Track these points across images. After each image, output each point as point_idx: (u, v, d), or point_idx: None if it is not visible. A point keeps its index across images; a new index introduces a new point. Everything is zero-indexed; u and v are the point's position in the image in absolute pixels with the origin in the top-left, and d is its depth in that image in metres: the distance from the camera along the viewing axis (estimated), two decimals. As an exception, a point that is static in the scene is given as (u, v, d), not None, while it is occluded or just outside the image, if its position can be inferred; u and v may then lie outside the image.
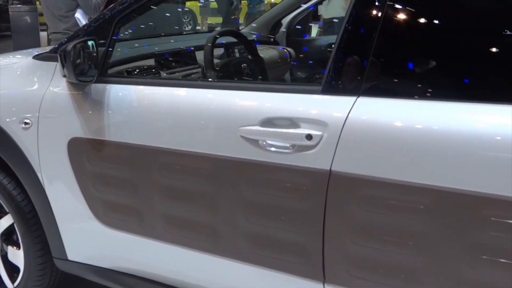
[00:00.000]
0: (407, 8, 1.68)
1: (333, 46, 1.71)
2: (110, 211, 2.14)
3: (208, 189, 1.88)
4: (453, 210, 1.47)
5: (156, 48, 2.88)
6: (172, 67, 2.73)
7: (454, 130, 1.47)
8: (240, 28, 3.86)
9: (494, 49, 1.61)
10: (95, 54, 2.06)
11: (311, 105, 1.70)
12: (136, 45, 2.89)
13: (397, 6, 1.67)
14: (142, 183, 2.03)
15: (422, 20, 1.70)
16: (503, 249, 1.43)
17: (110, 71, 2.24)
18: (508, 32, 1.62)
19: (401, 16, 1.69)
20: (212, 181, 1.87)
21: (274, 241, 1.80)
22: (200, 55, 2.75)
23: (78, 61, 2.00)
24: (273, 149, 1.72)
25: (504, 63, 1.57)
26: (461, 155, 1.46)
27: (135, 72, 2.43)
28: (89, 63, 2.05)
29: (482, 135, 1.44)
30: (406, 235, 1.56)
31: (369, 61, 1.62)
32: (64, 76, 2.05)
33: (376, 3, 1.65)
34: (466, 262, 1.49)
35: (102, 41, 2.11)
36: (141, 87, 2.08)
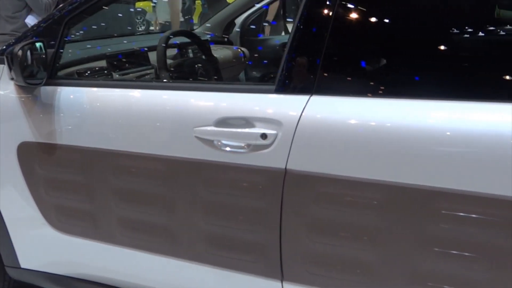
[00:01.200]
0: (358, 7, 1.70)
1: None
2: (63, 216, 2.10)
3: (164, 191, 1.86)
4: (406, 205, 1.51)
5: (109, 49, 2.83)
6: (125, 68, 2.70)
7: (406, 127, 1.51)
8: (194, 28, 3.85)
9: (442, 47, 1.65)
10: (44, 56, 2.01)
11: (265, 105, 1.71)
12: (88, 46, 2.84)
13: (348, 5, 1.70)
14: (96, 187, 1.99)
15: (373, 19, 1.73)
16: (454, 241, 1.48)
17: (60, 73, 2.20)
18: (455, 31, 1.67)
19: (352, 15, 1.72)
20: (167, 183, 1.85)
21: (231, 241, 1.80)
22: (153, 56, 2.72)
23: (27, 63, 1.95)
24: (228, 149, 1.72)
25: (451, 60, 1.62)
26: (413, 151, 1.49)
27: (87, 74, 2.38)
28: (38, 65, 2.00)
29: (433, 130, 1.48)
30: (361, 230, 1.58)
31: (322, 60, 1.64)
32: (12, 79, 1.99)
33: (327, 2, 1.67)
34: (420, 255, 1.52)
35: (52, 43, 2.06)
36: (94, 89, 2.04)
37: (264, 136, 1.66)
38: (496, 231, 1.42)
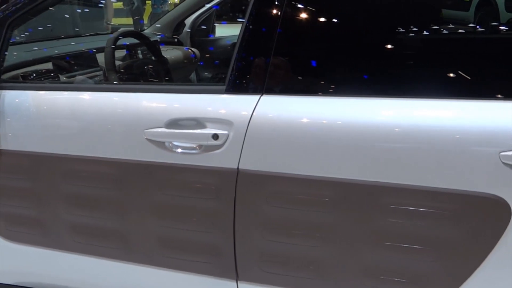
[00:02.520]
0: (307, 6, 1.73)
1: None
2: (12, 224, 2.03)
3: (116, 195, 1.84)
4: (356, 201, 1.54)
5: (56, 51, 2.77)
6: (72, 70, 2.64)
7: (355, 124, 1.54)
8: (144, 28, 3.80)
9: (389, 46, 1.70)
10: None
11: (216, 105, 1.71)
12: (34, 48, 2.76)
13: (297, 4, 1.72)
14: (46, 193, 1.95)
15: (322, 19, 1.76)
16: (403, 234, 1.52)
17: (4, 76, 2.13)
18: (401, 30, 1.72)
19: (301, 14, 1.74)
20: (119, 186, 1.83)
21: (185, 243, 1.79)
22: (101, 58, 2.68)
23: None
24: (179, 150, 1.71)
25: (397, 59, 1.66)
26: (362, 148, 1.53)
27: (32, 77, 2.32)
28: None
29: (381, 127, 1.52)
30: (314, 227, 1.61)
31: (271, 59, 1.65)
32: None
33: (276, 2, 1.68)
34: (371, 249, 1.56)
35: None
36: (40, 92, 1.99)
37: (215, 136, 1.66)
38: (442, 223, 1.47)
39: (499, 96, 1.47)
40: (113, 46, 2.45)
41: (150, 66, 2.71)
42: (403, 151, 1.49)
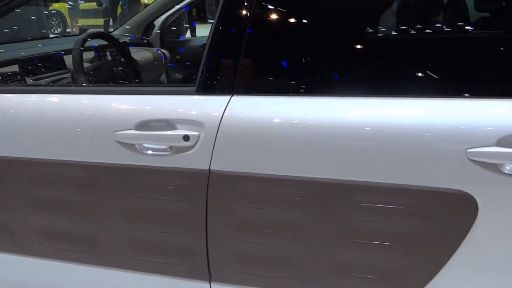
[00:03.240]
0: (276, 7, 1.73)
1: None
2: None
3: (86, 198, 1.81)
4: (327, 200, 1.55)
5: (22, 53, 2.72)
6: (40, 72, 2.59)
7: (325, 124, 1.55)
8: (113, 29, 3.76)
9: (359, 46, 1.72)
10: None
11: (186, 106, 1.70)
12: (0, 50, 2.71)
13: (266, 4, 1.72)
14: (12, 198, 1.91)
15: (291, 19, 1.77)
16: (375, 232, 1.54)
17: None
18: (370, 30, 1.75)
19: (270, 14, 1.75)
20: (89, 189, 1.80)
21: (158, 246, 1.78)
22: (69, 60, 2.64)
23: None
24: (150, 152, 1.70)
25: (366, 59, 1.68)
26: (332, 147, 1.54)
27: None
28: None
29: (352, 126, 1.53)
30: (286, 227, 1.61)
31: (241, 60, 1.65)
32: None
33: (245, 3, 1.68)
34: (343, 248, 1.57)
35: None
36: (7, 95, 1.95)
37: (186, 137, 1.65)
38: (412, 220, 1.50)
39: (466, 94, 1.49)
40: (81, 48, 2.42)
41: (119, 67, 2.68)
42: (373, 149, 1.51)
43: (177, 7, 3.74)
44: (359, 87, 1.61)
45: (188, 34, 4.52)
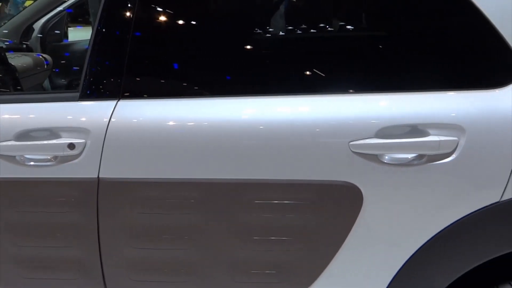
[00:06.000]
0: (161, 7, 1.71)
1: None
2: None
3: None
4: (221, 200, 1.56)
5: None
6: None
7: (216, 124, 1.55)
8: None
9: (248, 46, 1.74)
10: None
11: (70, 113, 1.63)
12: None
13: (150, 5, 1.69)
14: None
15: (177, 20, 1.75)
16: (269, 228, 1.57)
17: None
18: (258, 30, 1.77)
19: (155, 15, 1.72)
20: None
21: (48, 261, 1.69)
22: None
23: None
24: (32, 163, 1.61)
25: (257, 59, 1.70)
26: (224, 147, 1.54)
27: None
28: None
29: (241, 126, 1.54)
30: (181, 230, 1.60)
31: (126, 63, 1.61)
32: None
33: (127, 4, 1.64)
34: (240, 246, 1.59)
35: None
36: None
37: (71, 146, 1.58)
38: (303, 213, 1.54)
39: (350, 91, 1.56)
40: None
41: None
42: (262, 147, 1.53)
43: (59, 9, 3.58)
44: (250, 87, 1.62)
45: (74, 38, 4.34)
